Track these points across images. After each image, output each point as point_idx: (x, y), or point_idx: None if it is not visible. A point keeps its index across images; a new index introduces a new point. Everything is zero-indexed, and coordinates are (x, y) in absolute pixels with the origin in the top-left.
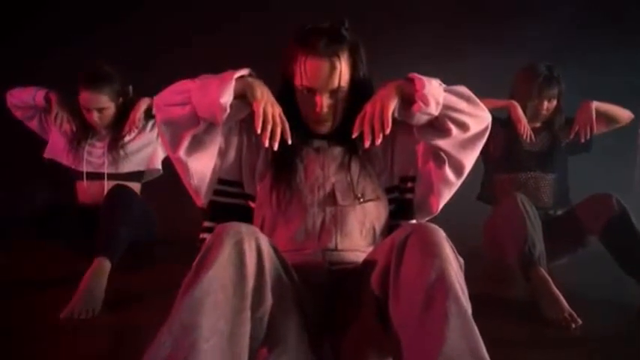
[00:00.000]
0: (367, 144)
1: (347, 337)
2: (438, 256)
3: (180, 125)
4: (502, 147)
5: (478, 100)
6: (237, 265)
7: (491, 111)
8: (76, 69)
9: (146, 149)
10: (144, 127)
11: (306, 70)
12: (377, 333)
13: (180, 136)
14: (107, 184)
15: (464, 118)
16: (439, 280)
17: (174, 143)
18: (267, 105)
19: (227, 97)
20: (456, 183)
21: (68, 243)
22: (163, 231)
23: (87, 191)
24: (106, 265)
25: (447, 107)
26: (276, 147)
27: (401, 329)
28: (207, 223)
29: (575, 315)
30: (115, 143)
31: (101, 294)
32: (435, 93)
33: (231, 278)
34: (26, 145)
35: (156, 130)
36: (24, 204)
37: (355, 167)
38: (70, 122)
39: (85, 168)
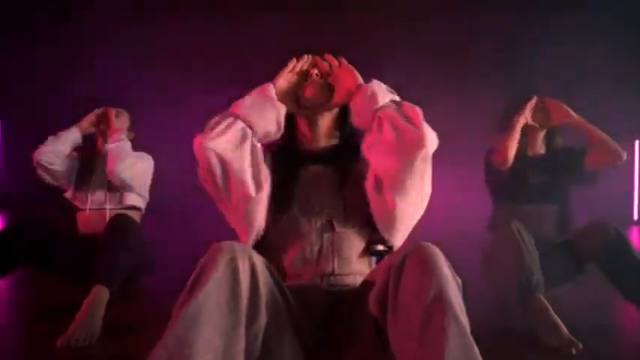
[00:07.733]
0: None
1: (344, 359)
2: (435, 275)
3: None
4: (506, 178)
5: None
6: (231, 282)
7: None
8: None
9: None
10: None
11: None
12: (375, 354)
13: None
14: (109, 213)
15: None
16: (437, 298)
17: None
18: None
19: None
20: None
21: (67, 271)
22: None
23: (88, 221)
24: (105, 293)
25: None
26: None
27: (399, 350)
28: None
29: (574, 340)
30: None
31: (99, 322)
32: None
33: (225, 295)
34: None
35: (145, 164)
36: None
37: (350, 193)
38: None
39: (88, 206)
